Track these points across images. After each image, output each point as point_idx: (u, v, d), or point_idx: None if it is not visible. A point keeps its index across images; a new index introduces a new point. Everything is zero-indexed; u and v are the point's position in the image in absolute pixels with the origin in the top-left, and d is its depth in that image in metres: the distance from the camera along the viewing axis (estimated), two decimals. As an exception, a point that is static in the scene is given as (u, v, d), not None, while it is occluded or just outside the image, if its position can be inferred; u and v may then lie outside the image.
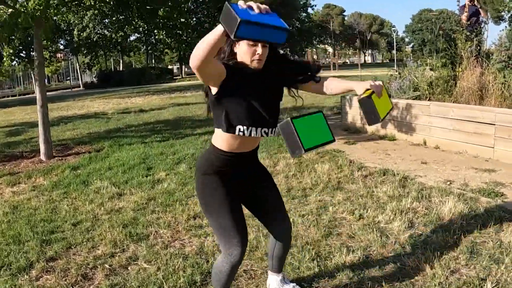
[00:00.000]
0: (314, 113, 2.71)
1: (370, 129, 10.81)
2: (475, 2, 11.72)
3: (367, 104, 2.46)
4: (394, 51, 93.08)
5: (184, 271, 4.10)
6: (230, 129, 2.82)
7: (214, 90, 2.83)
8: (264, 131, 2.91)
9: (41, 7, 8.05)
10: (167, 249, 4.73)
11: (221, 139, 2.97)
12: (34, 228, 5.57)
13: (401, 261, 4.20)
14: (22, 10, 8.42)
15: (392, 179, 6.78)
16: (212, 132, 3.05)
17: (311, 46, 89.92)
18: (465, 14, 11.39)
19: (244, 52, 2.82)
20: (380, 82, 2.78)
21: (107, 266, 4.40)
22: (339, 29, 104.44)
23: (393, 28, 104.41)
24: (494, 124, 7.87)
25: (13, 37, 9.14)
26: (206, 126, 13.04)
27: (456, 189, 6.28)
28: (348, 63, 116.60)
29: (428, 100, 9.74)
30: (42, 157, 9.88)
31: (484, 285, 3.60)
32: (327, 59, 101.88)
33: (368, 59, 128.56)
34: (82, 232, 5.35)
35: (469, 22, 11.14)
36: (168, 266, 4.27)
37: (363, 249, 4.45)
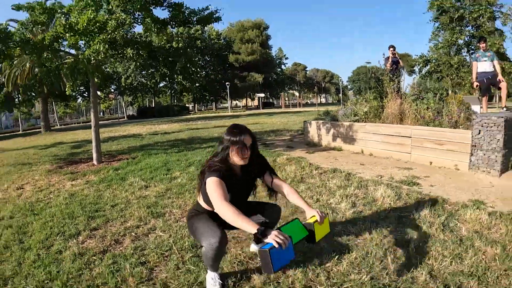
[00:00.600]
0: (291, 221, 2.68)
1: (324, 142, 10.81)
2: (396, 55, 12.03)
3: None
4: (340, 95, 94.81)
5: (189, 238, 4.05)
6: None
7: None
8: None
9: (94, 54, 7.97)
10: (177, 222, 4.69)
11: (208, 207, 3.07)
12: (84, 208, 5.61)
13: (347, 229, 4.12)
14: (81, 57, 8.35)
15: (339, 175, 6.71)
16: (213, 146, 3.03)
17: (284, 91, 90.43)
18: (389, 62, 11.61)
19: (236, 155, 2.91)
20: (324, 214, 2.79)
21: (133, 234, 4.39)
22: (303, 79, 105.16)
23: (340, 79, 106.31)
24: (411, 137, 8.15)
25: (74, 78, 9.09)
26: (209, 141, 13.27)
27: (385, 180, 6.29)
28: (309, 102, 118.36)
29: (364, 122, 9.76)
30: (94, 162, 9.91)
31: (409, 245, 3.62)
32: (294, 100, 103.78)
33: (323, 100, 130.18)
34: (117, 211, 5.37)
35: (391, 68, 11.35)
36: (177, 234, 4.25)
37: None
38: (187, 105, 77.93)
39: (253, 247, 3.70)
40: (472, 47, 25.11)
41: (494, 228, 4.10)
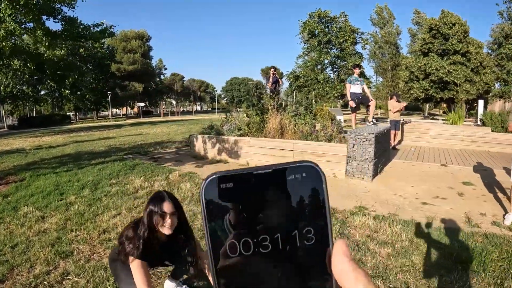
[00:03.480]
0: None
1: (210, 155, 10.64)
2: (276, 75, 12.36)
3: None
4: (215, 103, 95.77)
5: (108, 280, 3.60)
6: None
7: None
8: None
9: None
10: (89, 262, 4.08)
11: None
12: None
13: None
14: None
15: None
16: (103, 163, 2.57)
17: (162, 100, 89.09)
18: (270, 82, 11.95)
19: (157, 224, 2.69)
20: None
21: (46, 283, 3.68)
22: (180, 89, 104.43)
23: (214, 89, 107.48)
24: (293, 150, 8.51)
25: None
26: (98, 157, 11.98)
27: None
28: (185, 110, 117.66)
29: (248, 137, 9.82)
30: None
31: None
32: (172, 108, 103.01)
33: (198, 107, 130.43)
34: (20, 253, 4.46)
35: (272, 87, 11.67)
36: (94, 277, 3.70)
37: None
38: (68, 113, 73.45)
39: (168, 284, 3.45)
40: (336, 66, 26.89)
41: (381, 230, 4.45)
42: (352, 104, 10.59)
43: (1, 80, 42.34)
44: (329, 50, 26.81)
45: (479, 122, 21.62)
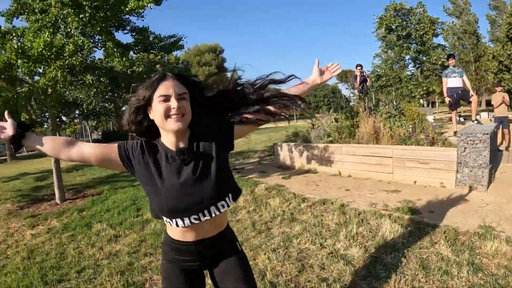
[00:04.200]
0: None
1: (297, 165, 9.89)
2: (364, 73, 11.34)
3: None
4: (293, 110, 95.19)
5: None
6: (157, 217, 1.79)
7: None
8: (199, 216, 1.69)
9: (50, 83, 6.87)
10: None
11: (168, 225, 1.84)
12: (44, 276, 4.25)
13: (374, 287, 3.20)
14: (36, 86, 7.19)
15: (332, 207, 5.73)
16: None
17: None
18: (357, 81, 10.98)
19: (159, 114, 1.64)
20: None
21: None
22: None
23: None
24: (392, 157, 7.49)
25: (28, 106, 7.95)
26: None
27: (381, 209, 5.44)
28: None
29: (339, 143, 8.97)
30: (57, 200, 8.54)
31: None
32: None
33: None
34: (85, 280, 4.01)
35: (360, 87, 10.75)
36: None
37: (338, 280, 3.36)
38: None
39: None
40: (418, 62, 25.34)
41: None
42: (449, 100, 9.50)
43: (83, 99, 44.86)
44: (409, 45, 25.21)
45: None
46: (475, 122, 8.98)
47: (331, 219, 5.08)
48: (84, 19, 6.81)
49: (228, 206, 1.75)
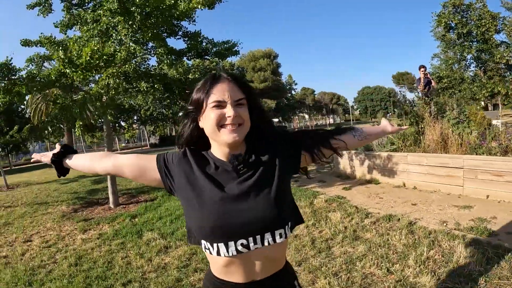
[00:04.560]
0: None
1: (358, 174, 9.45)
2: (428, 75, 10.59)
3: None
4: (348, 115, 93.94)
5: None
6: (196, 242, 1.41)
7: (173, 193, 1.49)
8: (247, 242, 1.31)
9: (103, 91, 7.02)
10: None
11: (209, 257, 1.44)
12: (89, 287, 4.21)
13: None
14: (90, 93, 7.25)
15: (398, 225, 5.26)
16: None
17: (295, 115, 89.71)
18: (421, 84, 10.34)
19: (210, 123, 1.35)
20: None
21: None
22: (312, 103, 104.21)
23: (346, 100, 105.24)
24: (463, 168, 6.82)
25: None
26: None
27: (453, 229, 4.91)
28: (319, 124, 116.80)
29: (404, 152, 8.46)
30: (111, 205, 8.76)
31: None
32: (305, 122, 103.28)
33: (331, 121, 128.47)
34: None
35: (425, 90, 10.12)
36: None
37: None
38: None
39: None
40: (481, 61, 24.02)
41: None
42: None
43: (141, 105, 46.26)
44: (470, 43, 23.92)
45: None
46: None
47: (398, 239, 4.64)
48: (134, 26, 6.76)
49: (286, 237, 1.38)
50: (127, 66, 7.16)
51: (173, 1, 6.65)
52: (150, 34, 7.01)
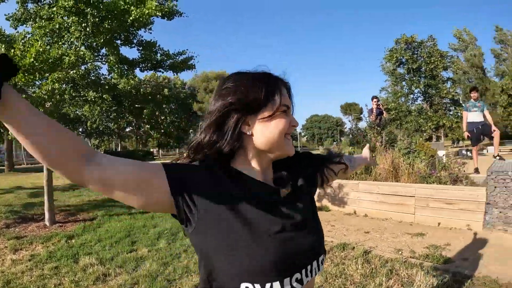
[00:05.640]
0: None
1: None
2: (380, 106, 10.88)
3: None
4: (296, 141, 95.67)
5: None
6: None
7: (186, 224, 1.06)
8: (302, 276, 1.09)
9: (47, 96, 6.45)
10: None
11: None
12: None
13: None
14: (32, 97, 6.77)
15: (353, 254, 5.12)
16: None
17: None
18: (373, 114, 10.60)
19: (279, 129, 1.11)
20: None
21: None
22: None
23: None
24: (414, 196, 6.99)
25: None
26: None
27: (409, 257, 4.88)
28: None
29: (353, 180, 8.47)
30: (47, 222, 7.95)
31: None
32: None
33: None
34: None
35: (377, 120, 10.36)
36: None
37: None
38: (152, 149, 77.23)
39: None
40: (428, 95, 25.32)
41: None
42: (468, 135, 9.23)
43: (88, 117, 44.95)
44: (419, 78, 25.20)
45: None
46: (498, 158, 8.65)
47: (355, 269, 4.48)
48: (87, 29, 6.46)
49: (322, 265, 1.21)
50: (74, 71, 6.76)
51: (126, 6, 6.41)
52: (102, 40, 6.72)
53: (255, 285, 1.01)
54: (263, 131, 1.11)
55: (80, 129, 53.90)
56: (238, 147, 1.13)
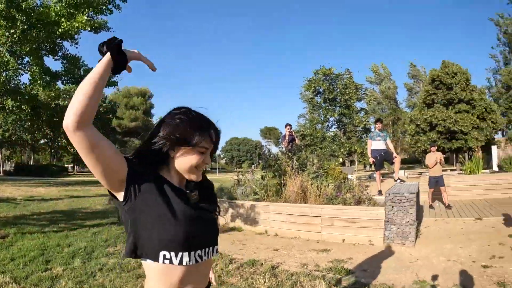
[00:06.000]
0: None
1: (221, 222, 9.40)
2: (292, 133, 11.86)
3: None
4: (214, 163, 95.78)
5: None
6: (140, 255, 1.47)
7: (120, 194, 1.43)
8: (202, 253, 1.52)
9: None
10: None
11: (152, 279, 1.48)
12: None
13: None
14: None
15: (261, 269, 5.37)
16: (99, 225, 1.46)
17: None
18: (286, 140, 11.26)
19: (190, 164, 1.50)
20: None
21: None
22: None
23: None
24: (320, 216, 7.52)
25: None
26: (94, 218, 10.88)
27: (314, 271, 5.24)
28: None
29: (264, 201, 8.92)
30: None
31: None
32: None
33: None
34: None
35: (289, 146, 10.98)
36: None
37: None
38: (66, 165, 73.72)
39: None
40: (342, 123, 26.65)
41: None
42: (373, 160, 10.14)
43: (0, 124, 42.10)
44: (334, 107, 26.53)
45: (495, 168, 20.89)
46: (398, 181, 9.57)
47: (262, 282, 4.72)
48: (15, 35, 6.35)
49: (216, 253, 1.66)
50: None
51: (57, 18, 6.37)
52: (28, 48, 6.61)
53: (171, 253, 1.42)
54: (180, 160, 1.51)
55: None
56: (164, 162, 1.55)
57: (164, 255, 1.42)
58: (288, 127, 11.76)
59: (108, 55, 1.30)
